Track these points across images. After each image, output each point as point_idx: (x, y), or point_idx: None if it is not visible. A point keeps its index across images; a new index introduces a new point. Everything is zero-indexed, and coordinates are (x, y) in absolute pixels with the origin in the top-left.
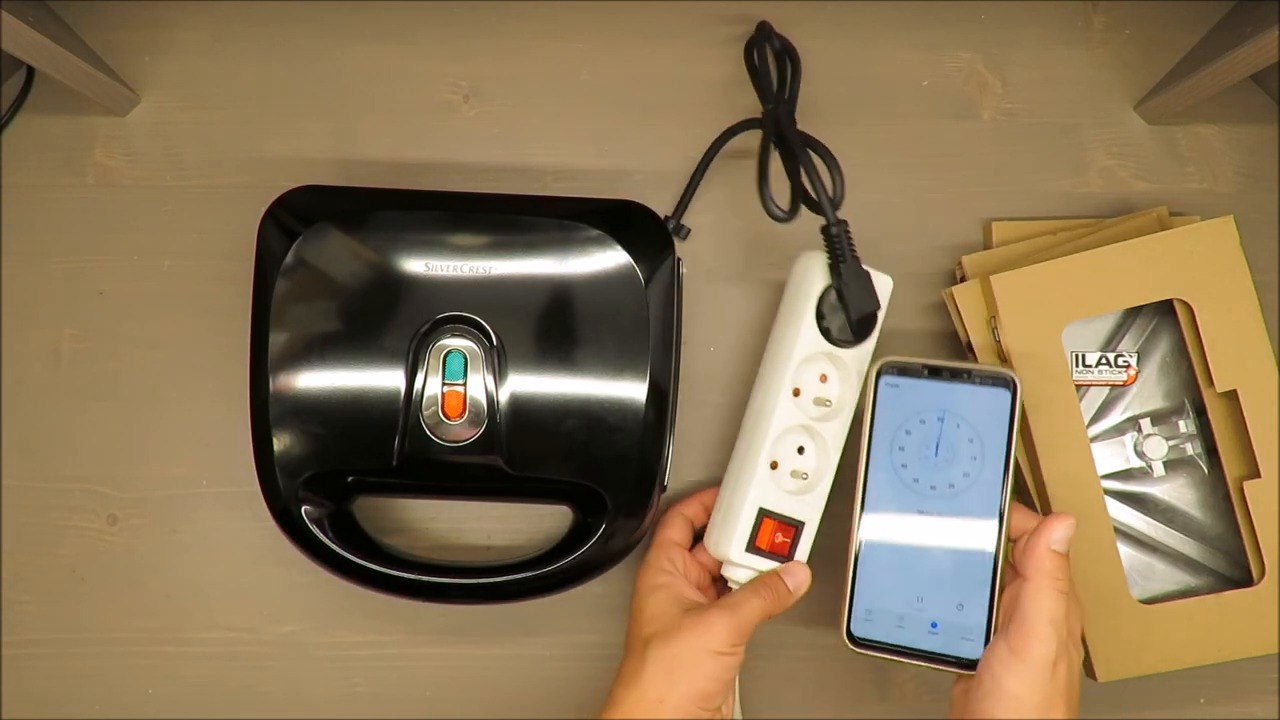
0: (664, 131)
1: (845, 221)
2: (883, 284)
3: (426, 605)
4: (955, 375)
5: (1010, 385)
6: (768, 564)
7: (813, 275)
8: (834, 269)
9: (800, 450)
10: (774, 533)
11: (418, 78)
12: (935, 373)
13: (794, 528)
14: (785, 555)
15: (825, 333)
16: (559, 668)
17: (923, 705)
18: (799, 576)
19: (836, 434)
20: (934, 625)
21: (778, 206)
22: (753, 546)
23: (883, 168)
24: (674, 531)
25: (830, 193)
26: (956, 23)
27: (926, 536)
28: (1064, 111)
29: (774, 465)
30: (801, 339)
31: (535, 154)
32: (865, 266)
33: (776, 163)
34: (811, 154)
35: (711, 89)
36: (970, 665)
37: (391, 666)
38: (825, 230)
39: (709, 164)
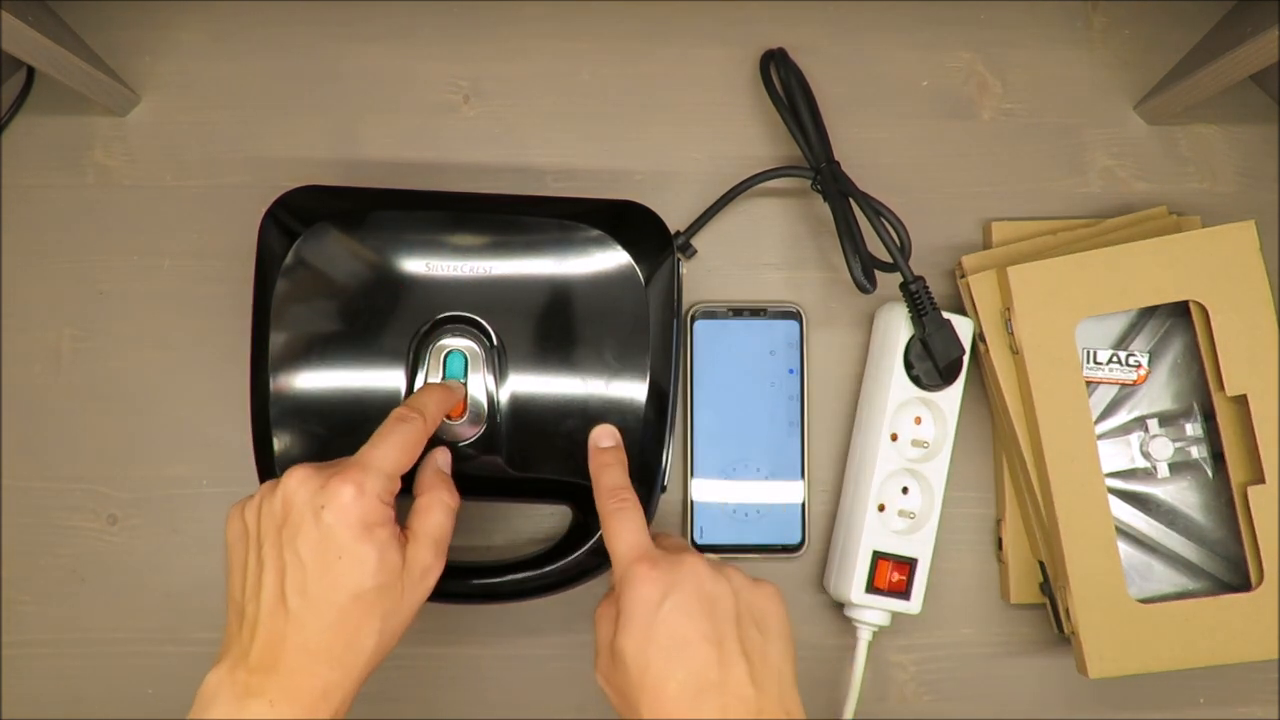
0: (664, 131)
1: (922, 277)
2: (963, 327)
3: (426, 605)
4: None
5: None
6: (889, 601)
7: (896, 327)
8: (916, 321)
9: (905, 490)
10: (890, 572)
11: (418, 78)
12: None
13: (908, 565)
14: (903, 591)
15: (915, 380)
16: (559, 668)
17: (923, 705)
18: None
19: (938, 472)
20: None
21: (866, 280)
22: (872, 587)
23: (882, 168)
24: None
25: (901, 249)
26: (956, 23)
27: None
28: (1064, 111)
29: (881, 508)
30: (893, 389)
31: (535, 154)
32: (946, 314)
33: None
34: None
35: (712, 89)
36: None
37: (392, 666)
38: (904, 287)
39: (735, 196)
